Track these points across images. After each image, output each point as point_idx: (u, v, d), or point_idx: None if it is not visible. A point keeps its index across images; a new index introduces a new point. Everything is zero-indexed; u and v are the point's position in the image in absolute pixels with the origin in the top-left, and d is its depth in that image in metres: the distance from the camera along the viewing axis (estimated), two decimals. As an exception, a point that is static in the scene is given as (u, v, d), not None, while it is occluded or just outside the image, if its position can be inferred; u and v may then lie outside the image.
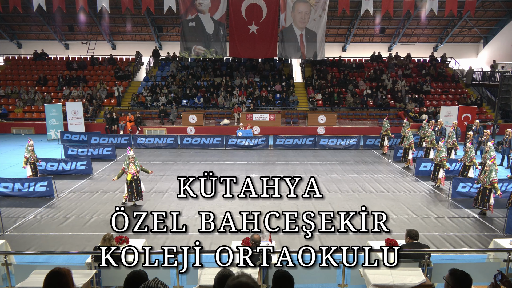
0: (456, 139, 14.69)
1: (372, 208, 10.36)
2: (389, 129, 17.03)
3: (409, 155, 14.59)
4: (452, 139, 14.45)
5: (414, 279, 5.26)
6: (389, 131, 17.06)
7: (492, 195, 9.60)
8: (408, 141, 14.64)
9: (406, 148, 14.79)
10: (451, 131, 14.86)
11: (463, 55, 29.36)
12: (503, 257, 5.80)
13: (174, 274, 5.46)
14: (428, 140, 14.74)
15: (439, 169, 12.12)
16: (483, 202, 9.70)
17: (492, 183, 9.48)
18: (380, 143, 17.66)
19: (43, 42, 28.51)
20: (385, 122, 17.23)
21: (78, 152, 15.92)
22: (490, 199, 9.59)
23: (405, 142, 14.86)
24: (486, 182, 9.56)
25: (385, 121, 17.31)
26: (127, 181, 10.28)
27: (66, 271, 3.12)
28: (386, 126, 17.02)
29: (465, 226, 9.24)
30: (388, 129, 17.01)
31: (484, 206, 9.69)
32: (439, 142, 12.68)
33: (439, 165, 12.08)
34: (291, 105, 23.85)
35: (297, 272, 5.51)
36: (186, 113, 22.14)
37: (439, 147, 12.15)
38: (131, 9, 21.86)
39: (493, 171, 9.55)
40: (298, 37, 23.06)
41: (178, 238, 8.42)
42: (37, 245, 8.06)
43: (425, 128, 16.42)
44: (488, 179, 9.53)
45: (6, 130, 22.21)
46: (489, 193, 9.60)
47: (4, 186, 11.05)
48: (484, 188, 9.65)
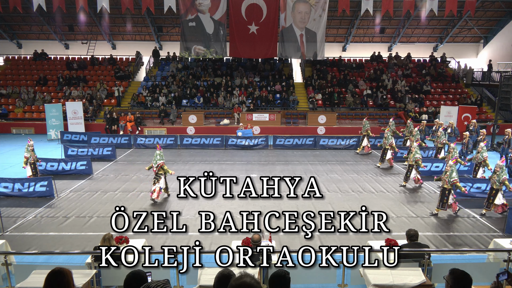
0: (446, 139, 14.72)
1: (372, 208, 10.36)
2: (369, 129, 16.99)
3: (387, 155, 14.56)
4: (441, 139, 14.46)
5: (414, 279, 5.26)
6: (369, 131, 17.02)
7: (451, 195, 9.59)
8: (387, 141, 14.61)
9: (385, 148, 14.73)
10: (440, 131, 14.85)
11: (463, 55, 29.37)
12: (503, 257, 5.80)
13: (174, 274, 5.45)
14: (413, 139, 14.74)
15: (411, 170, 12.10)
16: (442, 202, 9.70)
17: (453, 183, 9.49)
18: (360, 143, 17.63)
19: (43, 42, 28.52)
20: (365, 122, 17.15)
21: (78, 152, 15.92)
22: (449, 199, 9.58)
23: (385, 143, 14.79)
24: (448, 183, 9.56)
25: (365, 121, 17.23)
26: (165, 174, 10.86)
27: (67, 271, 3.13)
28: (366, 126, 16.96)
29: (465, 226, 9.24)
30: (368, 129, 16.97)
31: (443, 206, 9.70)
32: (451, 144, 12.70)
33: (412, 166, 12.07)
34: (291, 105, 23.85)
35: (297, 272, 5.51)
36: (186, 113, 22.14)
37: (413, 148, 12.16)
38: (131, 9, 21.87)
39: (454, 171, 9.55)
40: (298, 37, 23.06)
41: (178, 238, 8.42)
42: (37, 245, 8.06)
43: (410, 127, 16.40)
44: (449, 179, 9.53)
45: (6, 130, 22.22)
46: (448, 194, 9.59)
47: (4, 186, 11.05)
48: (444, 188, 9.66)
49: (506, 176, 9.54)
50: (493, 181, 9.68)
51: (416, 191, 11.99)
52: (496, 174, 9.63)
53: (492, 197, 9.71)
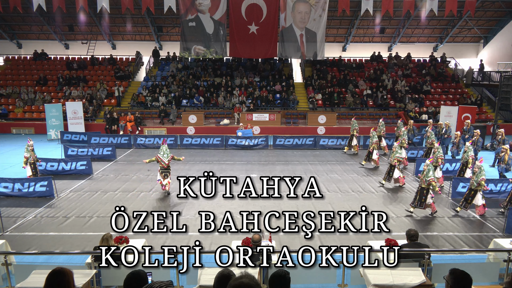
0: (435, 139, 14.75)
1: (372, 208, 10.36)
2: (356, 129, 17.00)
3: (373, 155, 14.54)
4: (430, 138, 14.48)
5: (414, 279, 5.26)
6: (356, 131, 17.02)
7: (429, 195, 9.57)
8: (371, 141, 14.60)
9: (371, 148, 14.74)
10: (429, 131, 14.86)
11: (463, 55, 29.36)
12: (503, 257, 5.80)
13: (174, 274, 5.45)
14: (400, 139, 14.76)
15: (393, 169, 12.06)
16: (420, 201, 9.68)
17: (429, 182, 9.48)
18: (348, 142, 17.61)
19: (43, 42, 28.52)
20: (353, 122, 17.17)
21: (78, 152, 15.92)
22: (427, 198, 9.57)
23: (371, 142, 14.75)
24: (425, 182, 9.56)
25: (353, 121, 17.25)
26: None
27: (68, 271, 3.13)
28: (354, 126, 16.99)
29: (465, 226, 9.24)
30: (356, 129, 16.98)
31: (420, 205, 9.68)
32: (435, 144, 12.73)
33: (394, 166, 12.03)
34: (291, 105, 23.85)
35: (297, 272, 5.51)
36: (186, 113, 22.14)
37: (394, 147, 12.16)
38: (131, 9, 21.86)
39: (430, 170, 9.55)
40: (298, 37, 23.06)
41: (178, 238, 8.42)
42: (37, 245, 8.06)
43: (400, 127, 16.44)
44: (426, 178, 9.52)
45: (6, 130, 22.21)
46: (426, 193, 9.58)
47: (4, 186, 11.05)
48: (422, 188, 9.65)
49: (484, 176, 9.52)
50: (471, 182, 9.68)
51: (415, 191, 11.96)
52: (475, 174, 9.63)
53: (470, 198, 9.70)
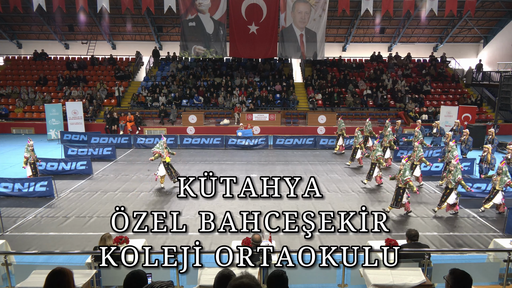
0: (423, 139, 14.75)
1: (373, 208, 10.36)
2: (344, 128, 17.00)
3: (357, 154, 14.51)
4: (418, 138, 14.49)
5: (414, 279, 5.26)
6: (344, 131, 17.01)
7: (405, 194, 9.56)
8: (357, 140, 14.58)
9: (355, 147, 14.71)
10: (417, 131, 14.88)
11: (463, 55, 29.36)
12: (503, 257, 5.79)
13: (174, 274, 5.45)
14: (386, 139, 14.77)
15: (374, 168, 12.03)
16: (396, 201, 9.68)
17: (406, 182, 9.47)
18: (335, 142, 17.64)
19: (43, 42, 28.52)
20: (340, 121, 17.18)
21: (78, 152, 15.92)
22: (403, 198, 9.56)
23: (355, 142, 14.74)
24: (401, 182, 9.55)
25: (340, 121, 17.27)
26: (165, 163, 11.75)
27: (68, 271, 3.13)
28: (341, 126, 16.99)
29: (465, 226, 9.23)
30: (343, 129, 16.98)
31: (397, 205, 9.67)
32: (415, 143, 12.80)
33: (375, 164, 12.00)
34: (291, 105, 23.85)
35: (297, 272, 5.51)
36: (186, 113, 22.14)
37: (374, 146, 12.15)
38: (131, 9, 21.86)
39: (407, 170, 9.54)
40: (298, 37, 23.06)
41: (178, 238, 8.42)
42: (37, 245, 8.06)
43: (387, 127, 16.47)
44: (402, 178, 9.51)
45: (6, 130, 22.21)
46: (403, 193, 9.56)
47: (4, 186, 11.05)
48: (399, 187, 9.63)
49: (461, 175, 9.55)
50: (448, 181, 9.70)
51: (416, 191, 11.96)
52: (451, 173, 9.64)
53: (445, 196, 9.71)
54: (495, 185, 9.84)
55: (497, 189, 9.77)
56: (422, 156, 11.97)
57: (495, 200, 9.81)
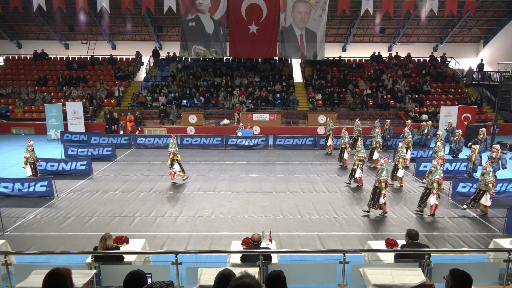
0: (412, 139, 14.73)
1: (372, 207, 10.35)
2: (332, 129, 17.02)
3: (344, 154, 14.51)
4: (408, 139, 14.50)
5: (414, 279, 5.25)
6: (332, 131, 17.02)
7: (381, 194, 9.54)
8: (343, 141, 14.59)
9: (342, 148, 14.72)
10: (407, 131, 14.88)
11: (463, 55, 29.36)
12: (503, 257, 5.79)
13: (174, 274, 5.45)
14: (374, 140, 14.78)
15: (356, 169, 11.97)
16: (373, 201, 9.67)
17: (381, 182, 9.46)
18: (324, 142, 17.70)
19: (43, 42, 28.51)
20: (329, 122, 17.28)
21: (78, 152, 15.92)
22: (380, 198, 9.54)
23: (342, 142, 14.75)
24: (377, 181, 9.55)
25: (329, 121, 17.36)
26: (178, 161, 12.21)
27: (65, 271, 3.12)
28: (330, 126, 17.04)
29: (465, 226, 9.24)
30: (332, 129, 16.99)
31: (374, 205, 9.66)
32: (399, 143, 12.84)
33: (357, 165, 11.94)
34: (291, 105, 23.85)
35: (297, 272, 5.52)
36: (186, 113, 22.14)
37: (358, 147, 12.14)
38: (131, 9, 21.85)
39: (384, 170, 9.52)
40: (298, 37, 23.06)
41: (178, 238, 8.42)
42: (37, 245, 8.06)
43: (376, 128, 16.52)
44: (379, 178, 9.50)
45: (6, 130, 22.21)
46: (379, 193, 9.55)
47: (4, 186, 11.05)
48: (375, 187, 9.63)
49: (439, 176, 9.55)
50: (427, 181, 9.68)
51: (416, 191, 11.97)
52: (431, 173, 9.63)
53: (425, 197, 9.70)
54: (479, 186, 9.81)
55: (482, 190, 9.69)
56: (404, 156, 11.96)
57: (483, 201, 9.70)
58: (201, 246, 8.00)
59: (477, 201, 9.79)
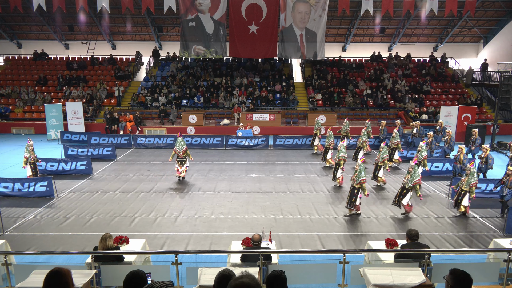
0: (400, 140, 14.70)
1: (372, 207, 10.36)
2: (319, 128, 17.04)
3: (328, 154, 14.52)
4: (396, 139, 14.50)
5: (414, 279, 5.25)
6: (319, 131, 17.04)
7: (359, 195, 9.52)
8: (328, 141, 14.58)
9: (326, 147, 14.72)
10: (395, 132, 14.89)
11: (463, 55, 29.36)
12: (503, 257, 5.80)
13: (174, 274, 5.45)
14: (360, 140, 14.78)
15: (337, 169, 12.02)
16: (350, 201, 9.66)
17: (360, 183, 9.46)
18: (311, 142, 17.73)
19: (43, 42, 28.51)
20: (316, 121, 17.33)
21: (78, 152, 15.92)
22: (357, 199, 9.52)
23: (326, 142, 14.75)
24: (356, 182, 9.55)
25: (316, 121, 17.41)
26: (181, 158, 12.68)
27: (66, 271, 3.12)
28: (318, 126, 17.07)
29: (465, 226, 9.24)
30: (319, 129, 17.02)
31: (351, 206, 9.65)
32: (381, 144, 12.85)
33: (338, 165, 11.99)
34: (291, 105, 23.85)
35: (297, 272, 5.52)
36: (186, 113, 22.14)
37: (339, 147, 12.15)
38: (131, 9, 21.85)
39: (362, 171, 9.51)
40: (298, 37, 23.05)
41: (178, 238, 8.42)
42: (37, 245, 8.06)
43: (368, 128, 16.51)
44: (357, 179, 9.50)
45: (6, 130, 22.21)
46: (357, 193, 9.52)
47: (4, 186, 11.06)
48: (353, 187, 9.62)
49: (419, 178, 9.55)
50: (405, 181, 9.69)
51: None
52: (409, 174, 9.62)
53: (401, 196, 9.69)
54: (461, 186, 9.79)
55: (464, 190, 9.66)
56: (386, 158, 11.96)
57: (464, 202, 9.66)
58: (201, 246, 8.01)
59: (460, 202, 9.74)
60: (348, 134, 16.95)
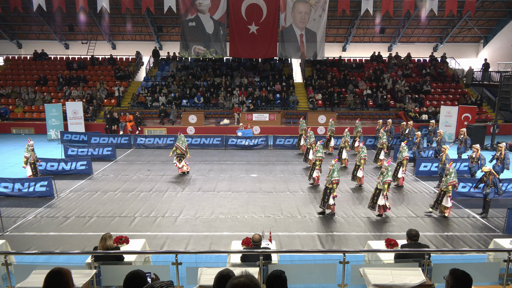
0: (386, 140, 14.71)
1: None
2: (304, 128, 17.01)
3: (309, 154, 14.46)
4: (382, 140, 14.50)
5: (414, 279, 5.25)
6: (304, 131, 17.02)
7: (331, 195, 9.50)
8: (309, 140, 14.55)
9: (308, 148, 14.69)
10: (382, 132, 14.89)
11: (463, 55, 29.36)
12: (503, 257, 5.80)
13: (174, 274, 5.45)
14: (343, 140, 14.86)
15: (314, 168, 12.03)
16: (323, 201, 9.66)
17: (332, 183, 9.46)
18: (297, 143, 17.75)
19: (43, 42, 28.51)
20: (302, 121, 17.38)
21: (78, 152, 15.92)
22: (330, 199, 9.51)
23: (308, 142, 14.72)
24: (328, 182, 9.54)
25: (301, 121, 17.48)
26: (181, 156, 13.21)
27: (66, 271, 3.12)
28: (302, 126, 17.08)
29: (465, 226, 9.24)
30: (304, 129, 17.00)
31: (324, 205, 9.64)
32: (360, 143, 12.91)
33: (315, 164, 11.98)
34: (291, 105, 23.85)
35: (297, 272, 5.52)
36: (186, 113, 22.14)
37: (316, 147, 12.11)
38: (131, 9, 21.85)
39: (335, 171, 9.51)
40: (298, 37, 23.05)
41: (178, 238, 8.42)
42: (37, 245, 8.06)
43: (358, 127, 16.44)
44: (330, 179, 9.50)
45: (6, 130, 22.21)
46: (330, 193, 9.52)
47: (4, 186, 11.06)
48: (326, 187, 9.62)
49: (389, 178, 9.56)
50: (378, 182, 9.69)
51: (416, 191, 11.97)
52: (382, 174, 9.63)
53: (376, 197, 9.68)
54: (441, 187, 9.76)
55: (443, 191, 9.63)
56: (365, 157, 11.96)
57: (444, 202, 9.62)
58: (201, 246, 8.01)
59: (440, 202, 9.71)
60: (333, 133, 16.93)
